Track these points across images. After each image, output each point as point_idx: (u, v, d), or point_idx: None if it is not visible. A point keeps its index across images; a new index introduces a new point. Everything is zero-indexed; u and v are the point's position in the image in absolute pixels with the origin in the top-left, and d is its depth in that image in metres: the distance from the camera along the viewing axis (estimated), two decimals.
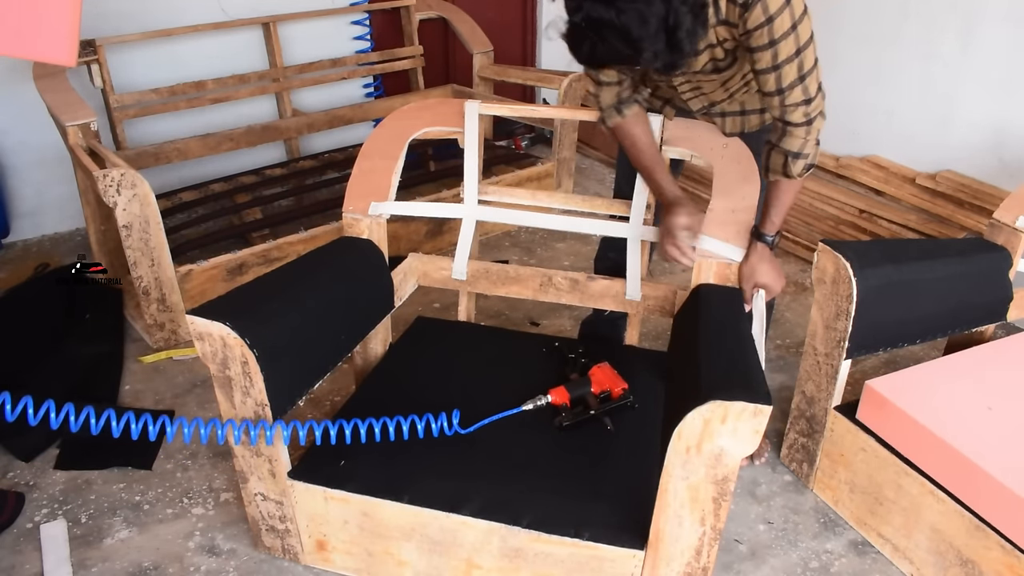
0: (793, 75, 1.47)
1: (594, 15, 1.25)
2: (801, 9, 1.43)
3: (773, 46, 1.44)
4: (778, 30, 1.42)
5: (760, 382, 1.28)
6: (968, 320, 1.91)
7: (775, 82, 1.49)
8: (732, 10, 1.45)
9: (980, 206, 2.64)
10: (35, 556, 1.69)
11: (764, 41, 1.43)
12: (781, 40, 1.43)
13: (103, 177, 2.06)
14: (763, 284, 1.68)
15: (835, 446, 1.83)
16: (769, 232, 1.67)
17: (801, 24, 1.43)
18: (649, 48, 1.28)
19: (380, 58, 3.62)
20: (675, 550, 1.39)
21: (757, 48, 1.46)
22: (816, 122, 1.55)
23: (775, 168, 1.63)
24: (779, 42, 1.43)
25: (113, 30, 2.91)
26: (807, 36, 1.45)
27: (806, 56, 1.46)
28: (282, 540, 1.64)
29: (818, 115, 1.54)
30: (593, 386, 1.71)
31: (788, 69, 1.47)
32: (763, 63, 1.47)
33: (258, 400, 1.41)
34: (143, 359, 2.37)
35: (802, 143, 1.56)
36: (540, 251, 3.11)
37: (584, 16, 1.26)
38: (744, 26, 1.44)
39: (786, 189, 1.65)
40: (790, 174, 1.61)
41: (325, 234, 2.64)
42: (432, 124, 1.97)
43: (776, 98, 1.52)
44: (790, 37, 1.43)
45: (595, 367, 1.75)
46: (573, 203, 1.99)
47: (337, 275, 1.69)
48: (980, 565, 1.54)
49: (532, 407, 1.66)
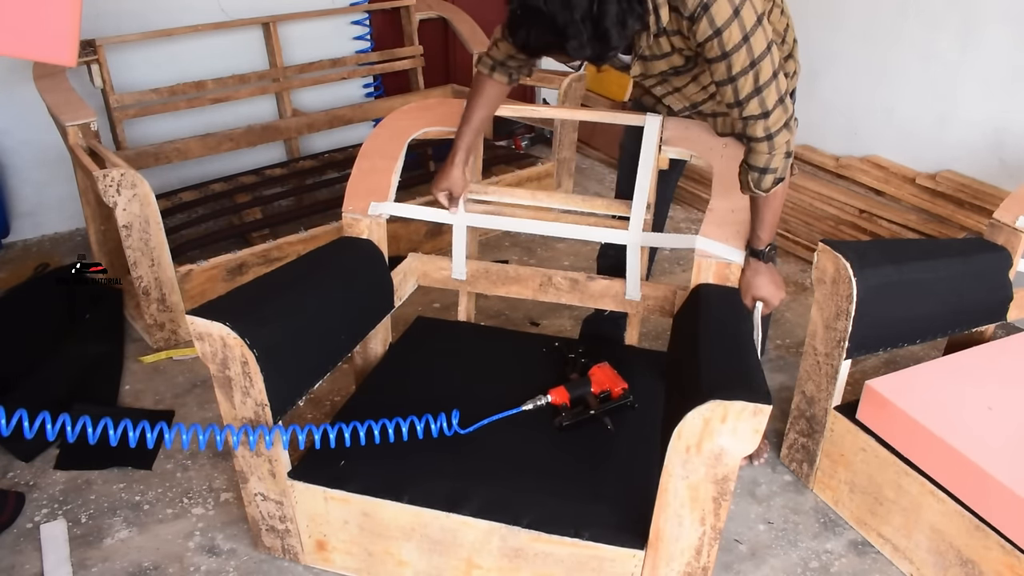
0: (749, 87, 1.45)
1: (527, 1, 1.30)
2: (753, 20, 1.40)
3: (726, 58, 1.42)
4: (728, 42, 1.40)
5: (760, 382, 1.28)
6: (968, 320, 1.91)
7: (732, 94, 1.47)
8: (678, 21, 1.45)
9: (980, 206, 2.63)
10: (35, 556, 1.69)
11: (716, 53, 1.43)
12: (733, 52, 1.41)
13: (103, 177, 2.06)
14: (761, 297, 1.68)
15: (835, 446, 1.83)
16: (757, 247, 1.66)
17: (754, 35, 1.41)
18: (574, 36, 1.30)
19: (380, 58, 3.62)
20: (675, 550, 1.39)
21: (711, 59, 1.45)
22: (778, 137, 1.50)
23: (745, 184, 1.61)
24: (731, 54, 1.42)
25: (113, 30, 2.91)
26: (762, 47, 1.42)
27: (762, 68, 1.43)
28: (282, 540, 1.64)
29: (781, 129, 1.50)
30: (593, 386, 1.71)
31: (743, 81, 1.44)
32: (718, 74, 1.46)
33: (258, 400, 1.41)
34: (143, 359, 2.37)
35: (767, 158, 1.53)
36: (540, 251, 3.11)
37: (519, 3, 1.31)
38: (694, 38, 1.44)
39: (763, 204, 1.62)
40: (759, 189, 1.58)
41: (325, 234, 2.64)
42: (432, 124, 1.97)
43: (736, 110, 1.50)
44: (742, 49, 1.41)
45: (595, 367, 1.75)
46: (573, 203, 1.99)
47: (337, 275, 1.69)
48: (980, 565, 1.54)
49: (532, 407, 1.66)
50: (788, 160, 1.55)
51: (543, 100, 4.27)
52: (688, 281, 1.73)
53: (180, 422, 2.11)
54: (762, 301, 1.69)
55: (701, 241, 1.69)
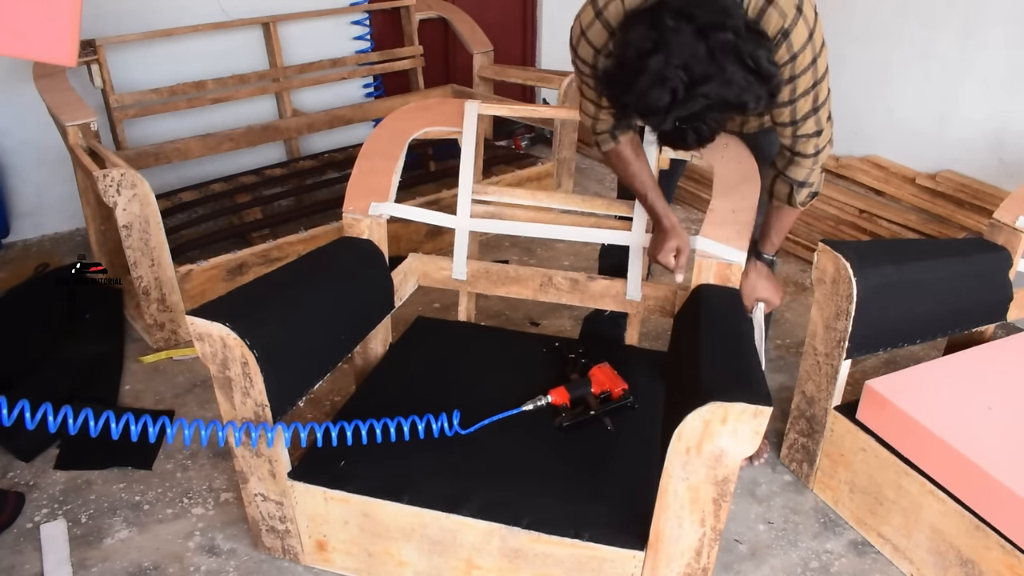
0: (808, 107, 1.47)
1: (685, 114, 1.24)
2: (820, 42, 1.42)
3: (792, 81, 1.43)
4: (799, 66, 1.41)
5: (760, 383, 1.28)
6: (968, 320, 1.91)
7: (790, 114, 1.49)
8: None
9: (980, 206, 2.63)
10: (35, 556, 1.69)
11: (784, 77, 1.41)
12: (800, 75, 1.42)
13: (103, 177, 2.06)
14: (763, 298, 1.74)
15: (835, 446, 1.83)
16: (768, 252, 1.71)
17: (820, 57, 1.43)
18: (750, 97, 1.25)
19: (380, 58, 3.62)
20: (675, 551, 1.39)
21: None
22: (823, 153, 1.55)
23: (780, 196, 1.64)
24: (798, 77, 1.42)
25: (113, 30, 2.91)
26: (823, 69, 1.45)
27: (821, 88, 1.46)
28: (282, 540, 1.64)
29: (827, 146, 1.54)
30: (593, 386, 1.71)
31: (803, 102, 1.46)
32: (781, 97, 1.45)
33: (258, 401, 1.41)
34: (143, 359, 2.37)
35: (808, 172, 1.58)
36: (540, 251, 3.11)
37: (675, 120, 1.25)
38: None
39: (788, 214, 1.68)
40: (793, 203, 1.63)
41: (325, 234, 2.64)
42: (432, 124, 1.97)
43: (789, 128, 1.51)
44: (809, 71, 1.42)
45: (595, 367, 1.75)
46: (573, 203, 1.99)
47: (337, 275, 1.69)
48: (980, 565, 1.54)
49: (532, 407, 1.66)
50: (822, 176, 1.60)
51: (543, 100, 4.27)
52: (688, 281, 1.73)
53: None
54: (763, 302, 1.73)
55: (701, 241, 1.69)
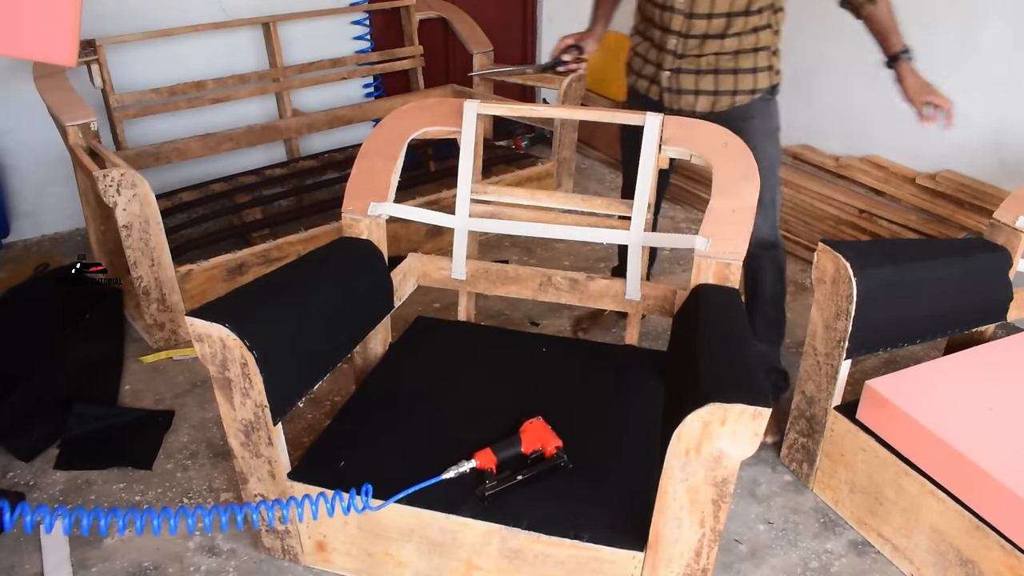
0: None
1: None
2: None
3: None
4: None
5: (760, 384, 1.28)
6: (968, 320, 1.91)
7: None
8: None
9: (980, 206, 2.63)
10: (35, 556, 1.69)
11: None
12: None
13: (103, 177, 2.06)
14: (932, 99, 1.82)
15: (835, 446, 1.83)
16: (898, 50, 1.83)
17: None
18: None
19: (380, 58, 3.62)
20: (675, 552, 1.39)
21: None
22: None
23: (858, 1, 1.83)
24: None
25: (113, 30, 2.91)
26: None
27: None
28: (282, 541, 1.64)
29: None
30: (524, 445, 1.55)
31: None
32: None
33: (258, 401, 1.41)
34: (143, 359, 2.37)
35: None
36: (540, 251, 3.11)
37: None
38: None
39: (882, 9, 1.81)
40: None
41: (325, 234, 2.64)
42: (432, 124, 1.97)
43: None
44: None
45: (527, 423, 1.59)
46: (573, 203, 1.99)
47: (337, 275, 1.69)
48: (980, 565, 1.54)
49: (454, 475, 1.50)
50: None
51: (543, 100, 4.27)
52: (688, 281, 1.73)
53: (172, 425, 2.11)
54: (937, 102, 1.81)
55: (701, 241, 1.69)
